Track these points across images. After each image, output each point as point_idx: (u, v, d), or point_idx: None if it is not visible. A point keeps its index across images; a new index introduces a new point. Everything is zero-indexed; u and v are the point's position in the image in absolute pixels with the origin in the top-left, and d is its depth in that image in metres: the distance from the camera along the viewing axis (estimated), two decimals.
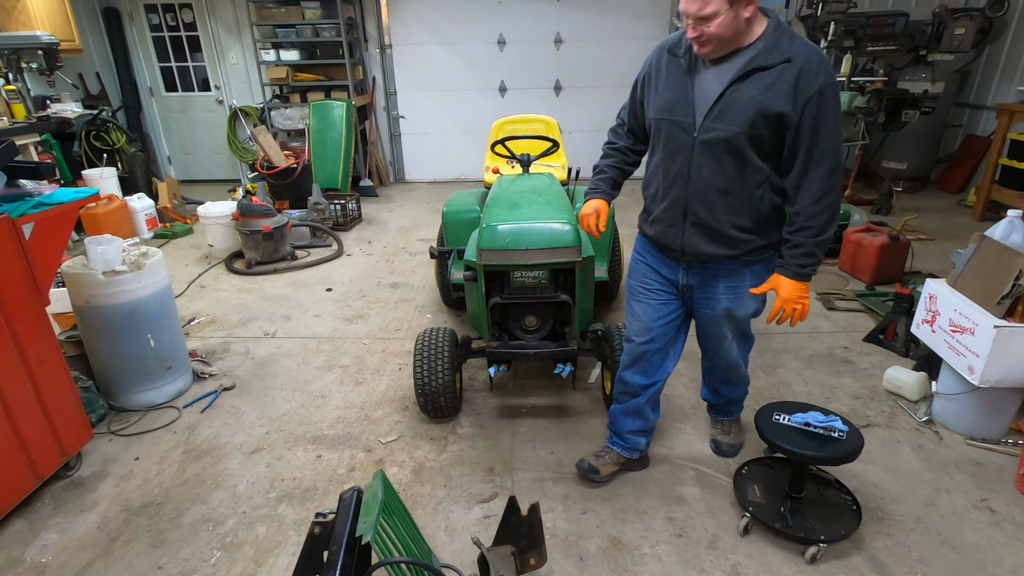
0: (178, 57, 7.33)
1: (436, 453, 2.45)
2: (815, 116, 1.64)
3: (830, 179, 1.70)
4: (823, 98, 1.62)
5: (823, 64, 1.64)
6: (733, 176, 1.78)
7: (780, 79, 1.63)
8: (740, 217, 1.83)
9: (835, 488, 2.10)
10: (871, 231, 4.04)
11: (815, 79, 1.62)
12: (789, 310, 1.84)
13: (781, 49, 1.63)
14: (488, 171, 3.83)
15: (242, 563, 1.94)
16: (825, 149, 1.67)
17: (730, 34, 1.63)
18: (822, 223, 1.74)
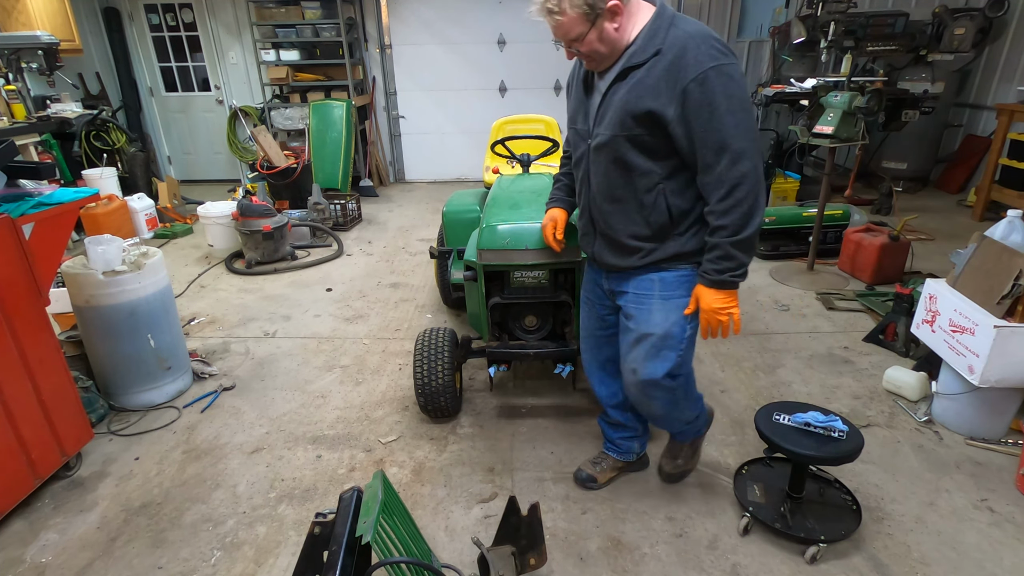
0: (178, 57, 7.33)
1: (436, 453, 2.45)
2: (698, 105, 1.50)
3: (733, 170, 1.53)
4: (704, 85, 1.48)
5: (701, 49, 1.50)
6: (620, 182, 1.69)
7: (648, 75, 1.54)
8: (635, 225, 1.72)
9: (835, 488, 2.10)
10: (871, 231, 4.04)
11: (690, 67, 1.49)
12: (713, 322, 1.68)
13: (654, 43, 1.54)
14: (488, 171, 3.83)
15: (242, 563, 1.94)
16: (721, 139, 1.52)
17: (605, 49, 1.58)
18: (735, 221, 1.57)
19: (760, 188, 1.57)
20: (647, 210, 1.69)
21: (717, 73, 1.48)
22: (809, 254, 4.18)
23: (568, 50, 1.62)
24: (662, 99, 1.53)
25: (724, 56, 1.50)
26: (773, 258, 4.50)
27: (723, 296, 1.66)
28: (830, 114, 3.68)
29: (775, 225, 4.49)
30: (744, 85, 1.55)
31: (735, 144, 1.51)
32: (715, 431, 2.54)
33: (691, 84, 1.49)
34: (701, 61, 1.48)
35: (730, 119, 1.51)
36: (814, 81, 4.60)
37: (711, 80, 1.48)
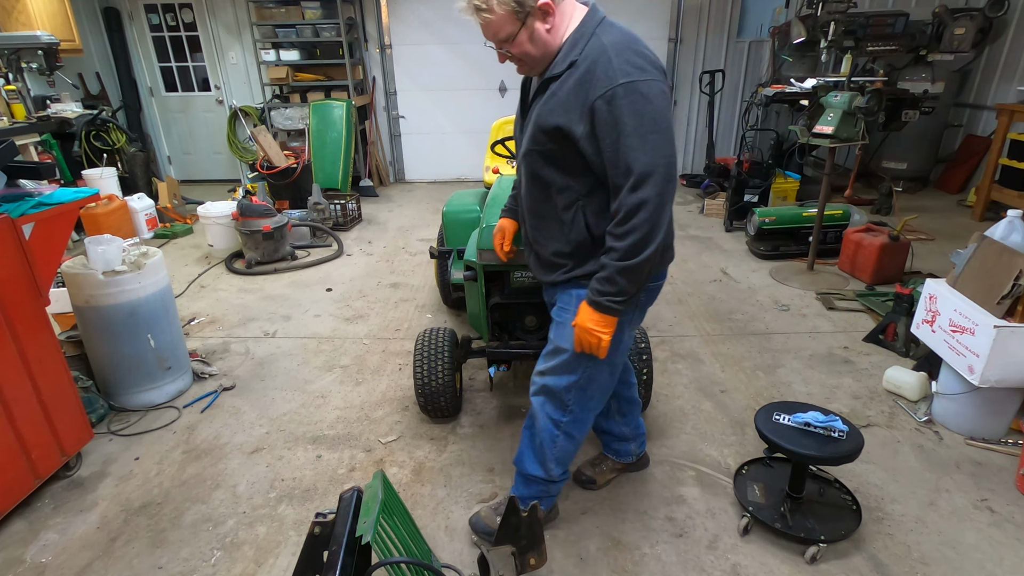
0: (178, 57, 7.33)
1: (436, 453, 2.45)
2: (605, 124, 1.41)
3: (634, 195, 1.43)
4: (612, 103, 1.39)
5: (614, 63, 1.40)
6: (540, 197, 1.64)
7: (562, 88, 1.47)
8: (556, 241, 1.67)
9: (835, 488, 2.10)
10: (871, 231, 4.04)
11: (599, 82, 1.40)
12: (583, 340, 1.61)
13: (572, 54, 1.46)
14: (488, 171, 3.83)
15: (242, 563, 1.94)
16: (626, 161, 1.42)
17: (536, 51, 1.50)
18: (627, 247, 1.47)
19: (660, 217, 1.46)
20: (566, 227, 1.63)
21: (627, 90, 1.38)
22: (809, 254, 4.18)
23: (499, 52, 1.53)
24: (571, 115, 1.46)
25: (639, 71, 1.40)
26: (773, 258, 4.50)
27: (598, 319, 1.57)
28: (830, 114, 3.68)
29: (775, 225, 4.49)
30: (661, 103, 1.42)
31: (638, 168, 1.41)
32: (715, 431, 2.54)
33: (598, 101, 1.40)
34: (611, 77, 1.39)
35: (635, 141, 1.40)
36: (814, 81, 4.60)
37: (619, 98, 1.38)
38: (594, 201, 1.58)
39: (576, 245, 1.64)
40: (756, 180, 5.21)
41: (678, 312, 3.68)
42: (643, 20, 6.80)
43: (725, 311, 3.67)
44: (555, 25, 1.49)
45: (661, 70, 1.47)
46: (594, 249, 1.63)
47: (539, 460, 1.89)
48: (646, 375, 2.43)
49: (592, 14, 1.52)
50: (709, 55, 6.97)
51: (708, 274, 4.28)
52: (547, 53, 1.51)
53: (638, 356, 2.42)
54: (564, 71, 1.47)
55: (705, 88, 6.50)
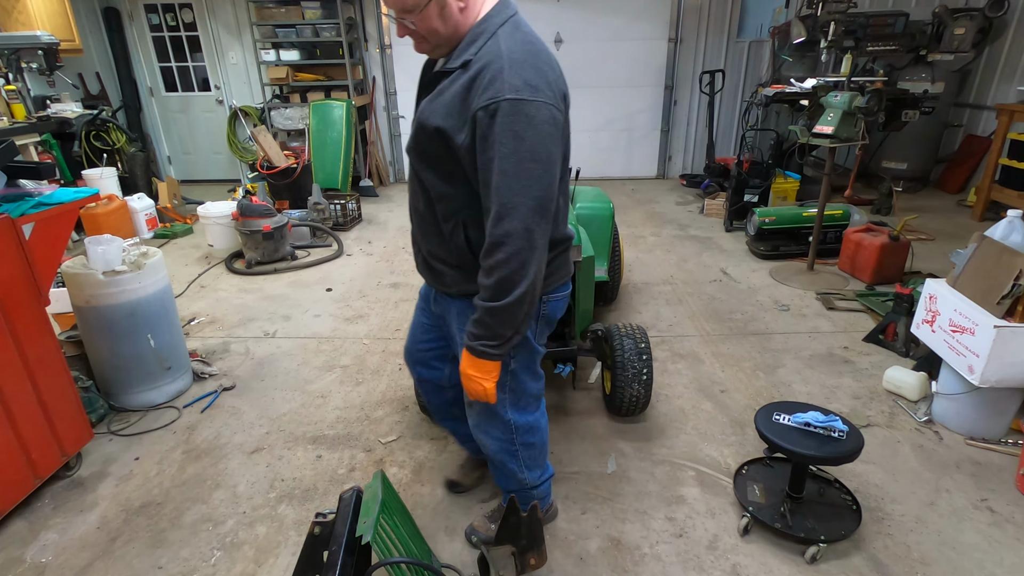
0: (178, 57, 7.33)
1: (436, 453, 2.45)
2: (483, 138, 1.26)
3: (499, 226, 1.27)
4: (493, 117, 1.23)
5: (505, 74, 1.23)
6: (421, 200, 1.50)
7: (450, 87, 1.31)
8: (440, 249, 1.53)
9: (835, 488, 2.10)
10: (871, 231, 4.04)
11: (485, 91, 1.24)
12: (466, 387, 1.48)
13: (468, 52, 1.30)
14: None
15: (242, 563, 1.93)
16: (496, 187, 1.26)
17: (445, 29, 1.31)
18: (493, 285, 1.31)
19: (528, 256, 1.29)
20: (446, 238, 1.48)
21: (512, 108, 1.22)
22: (809, 254, 4.18)
23: (400, 23, 1.33)
24: (454, 120, 1.30)
25: (530, 90, 1.23)
26: (773, 258, 4.50)
27: (477, 365, 1.42)
28: (830, 114, 3.68)
29: (775, 225, 4.49)
30: (547, 130, 1.26)
31: (504, 196, 1.25)
32: (715, 431, 2.54)
33: (480, 112, 1.24)
34: (498, 88, 1.22)
35: (509, 165, 1.24)
36: (814, 81, 4.60)
37: (502, 114, 1.22)
38: (478, 218, 1.40)
39: (458, 259, 1.50)
40: (756, 180, 5.21)
41: (678, 312, 3.68)
42: (643, 20, 6.81)
43: (725, 311, 3.67)
44: (468, 4, 1.32)
45: (559, 94, 1.32)
46: (472, 268, 1.44)
47: (509, 477, 1.82)
48: (646, 375, 2.43)
49: (502, 7, 1.35)
50: (709, 55, 6.97)
51: (708, 274, 4.28)
52: (456, 35, 1.33)
53: (638, 356, 2.42)
54: (456, 69, 1.31)
55: (705, 88, 6.50)
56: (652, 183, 7.30)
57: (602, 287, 3.38)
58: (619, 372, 2.44)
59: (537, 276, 1.34)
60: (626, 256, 4.57)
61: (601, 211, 3.20)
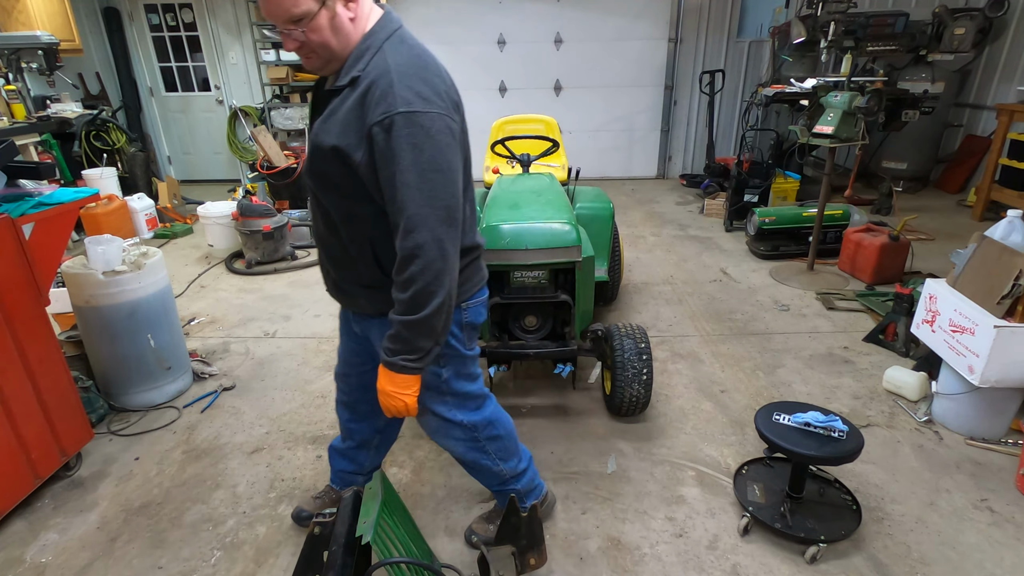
0: (178, 57, 7.33)
1: (436, 453, 2.45)
2: (382, 154, 1.25)
3: (408, 239, 1.27)
4: (389, 132, 1.23)
5: (395, 88, 1.23)
6: (324, 225, 1.47)
7: (341, 105, 1.30)
8: (350, 272, 1.51)
9: (835, 488, 2.10)
10: (871, 231, 4.04)
11: (377, 106, 1.23)
12: (383, 403, 1.45)
13: (356, 68, 1.29)
14: (488, 171, 3.83)
15: (242, 563, 1.94)
16: (402, 199, 1.25)
17: (336, 42, 1.28)
18: (408, 300, 1.31)
19: (443, 268, 1.30)
20: (355, 260, 1.46)
21: (406, 120, 1.22)
22: (809, 254, 4.18)
23: (286, 36, 1.27)
24: (350, 138, 1.28)
25: (422, 101, 1.24)
26: (773, 258, 4.50)
27: (397, 380, 1.40)
28: (830, 114, 3.68)
29: (775, 225, 4.49)
30: (444, 140, 1.27)
31: (412, 208, 1.26)
32: (715, 431, 2.54)
33: (375, 128, 1.24)
34: (390, 102, 1.22)
35: (412, 178, 1.24)
36: (814, 81, 4.60)
37: (397, 127, 1.22)
38: (384, 235, 1.38)
39: (370, 279, 1.47)
40: (756, 180, 5.21)
41: (678, 312, 3.68)
42: (643, 20, 6.81)
43: (725, 311, 3.67)
44: (358, 15, 1.30)
45: (452, 103, 1.33)
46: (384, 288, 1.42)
47: (488, 474, 1.81)
48: (646, 375, 2.43)
49: (385, 22, 1.35)
50: (709, 55, 6.97)
51: (708, 274, 4.28)
52: (346, 47, 1.30)
53: (638, 356, 2.42)
54: (345, 87, 1.30)
55: (705, 88, 6.50)
56: (652, 183, 7.30)
57: (602, 287, 3.38)
58: (619, 372, 2.44)
59: (451, 285, 1.35)
60: (626, 256, 4.57)
61: (601, 211, 3.20)
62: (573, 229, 2.36)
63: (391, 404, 1.44)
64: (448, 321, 1.42)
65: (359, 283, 1.50)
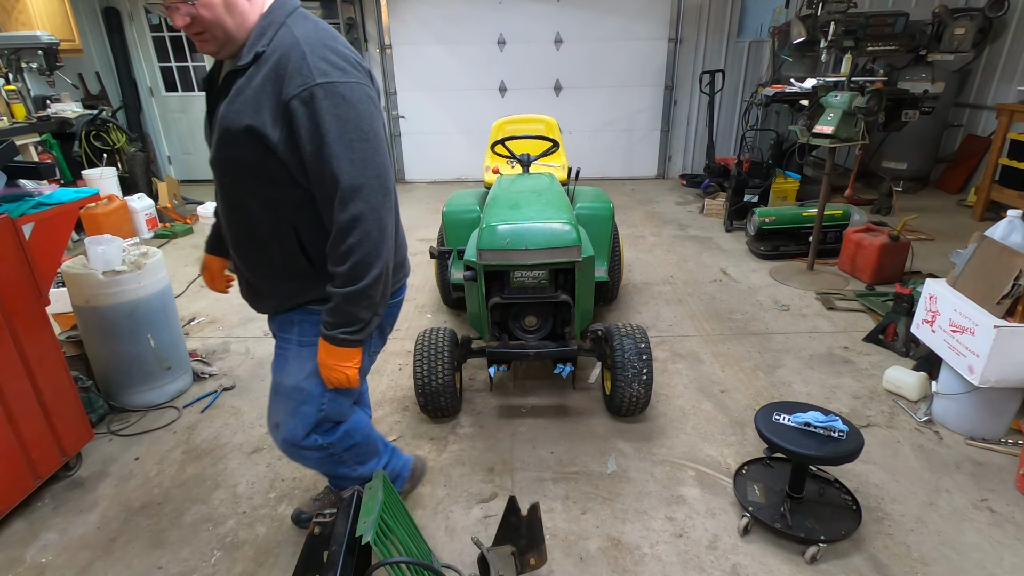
0: (178, 57, 7.33)
1: (436, 453, 2.45)
2: (305, 130, 1.23)
3: (345, 211, 1.26)
4: (310, 105, 1.21)
5: (308, 59, 1.22)
6: (241, 216, 1.39)
7: (249, 84, 1.25)
8: (267, 266, 1.45)
9: (835, 488, 2.10)
10: (871, 231, 4.04)
11: (292, 79, 1.21)
12: (325, 376, 1.46)
13: (259, 44, 1.25)
14: (488, 171, 3.83)
15: (242, 563, 1.93)
16: (332, 172, 1.24)
17: (233, 24, 1.25)
18: (347, 271, 1.31)
19: (382, 235, 1.30)
20: (279, 252, 1.41)
21: (326, 92, 1.20)
22: (809, 254, 4.18)
23: (172, 11, 1.22)
24: (263, 116, 1.24)
25: (338, 71, 1.23)
26: (773, 258, 4.50)
27: (338, 353, 1.41)
28: (830, 114, 3.68)
29: (775, 225, 4.49)
30: (366, 108, 1.27)
31: (346, 180, 1.24)
32: (715, 431, 2.54)
33: (294, 102, 1.21)
34: (306, 74, 1.20)
35: (340, 149, 1.23)
36: (814, 81, 4.60)
37: (318, 99, 1.20)
38: (308, 218, 1.36)
39: (294, 272, 1.43)
40: (756, 180, 5.21)
41: (678, 312, 3.68)
42: (643, 20, 6.81)
43: (725, 311, 3.67)
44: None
45: (365, 71, 1.32)
46: (317, 275, 1.42)
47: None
48: (646, 375, 2.43)
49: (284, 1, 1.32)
50: (709, 55, 6.97)
51: (708, 274, 4.28)
52: (242, 27, 1.26)
53: (638, 356, 2.42)
54: (250, 64, 1.25)
55: (705, 88, 6.50)
56: (652, 183, 7.30)
57: (602, 287, 3.38)
58: (619, 372, 2.44)
59: (389, 254, 1.35)
60: (626, 256, 4.57)
61: (601, 211, 3.20)
62: (573, 229, 2.36)
63: (332, 376, 1.45)
64: (387, 291, 1.43)
65: (282, 276, 1.45)
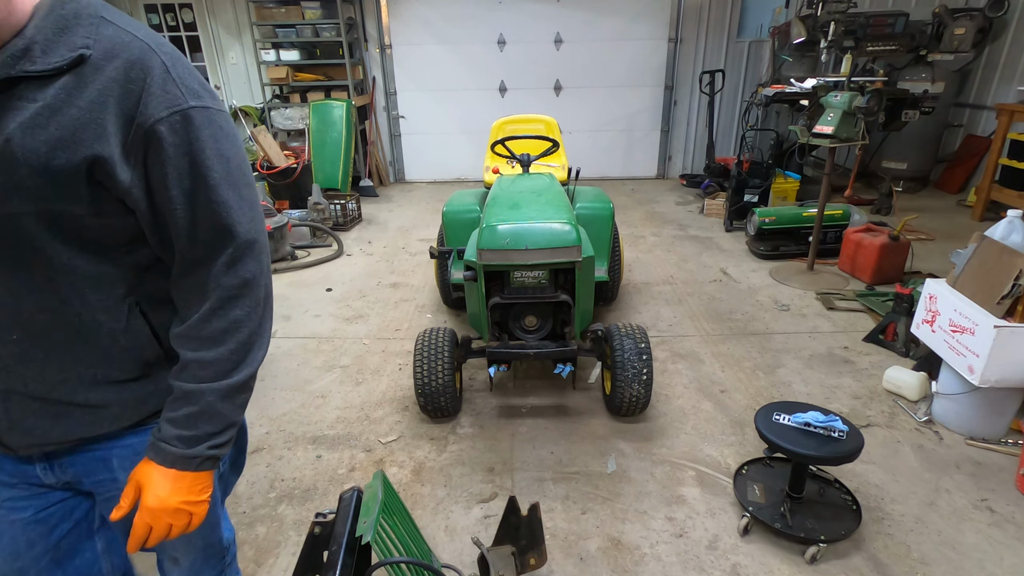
0: None
1: (436, 453, 2.45)
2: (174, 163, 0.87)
3: (235, 272, 0.93)
4: (187, 132, 0.87)
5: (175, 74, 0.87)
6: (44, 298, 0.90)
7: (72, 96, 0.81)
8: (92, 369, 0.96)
9: (835, 488, 2.10)
10: (871, 231, 4.04)
11: (156, 97, 0.84)
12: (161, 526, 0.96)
13: (70, 38, 0.82)
14: (488, 171, 3.83)
15: (242, 563, 1.93)
16: (222, 223, 0.91)
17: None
18: (228, 355, 0.95)
19: (269, 305, 1.00)
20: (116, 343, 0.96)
21: (206, 120, 0.89)
22: (809, 254, 4.18)
23: None
24: (104, 143, 0.83)
25: (209, 95, 0.91)
26: (773, 258, 4.50)
27: (195, 481, 0.97)
28: (830, 114, 3.68)
29: (775, 225, 4.49)
30: (243, 148, 0.97)
31: (242, 233, 0.93)
32: (715, 431, 2.54)
33: (161, 127, 0.85)
34: (175, 93, 0.86)
35: (229, 193, 0.91)
36: (814, 81, 4.60)
37: (196, 127, 0.87)
38: (154, 290, 0.99)
39: (141, 364, 1.00)
40: (756, 180, 5.22)
41: (678, 312, 3.68)
42: (643, 20, 6.81)
43: (725, 311, 3.67)
44: None
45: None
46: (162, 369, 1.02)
47: None
48: (646, 375, 2.43)
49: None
50: (709, 55, 6.98)
51: (708, 274, 4.28)
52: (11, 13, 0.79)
53: (638, 356, 2.42)
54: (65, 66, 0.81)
55: (705, 88, 6.50)
56: (652, 183, 7.30)
57: (602, 287, 3.38)
58: (619, 372, 2.44)
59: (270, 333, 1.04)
60: (626, 256, 4.57)
61: (601, 211, 3.20)
62: (573, 229, 2.36)
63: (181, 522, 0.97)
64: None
65: (118, 379, 0.99)
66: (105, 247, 0.92)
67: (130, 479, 0.97)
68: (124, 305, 0.96)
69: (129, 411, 1.02)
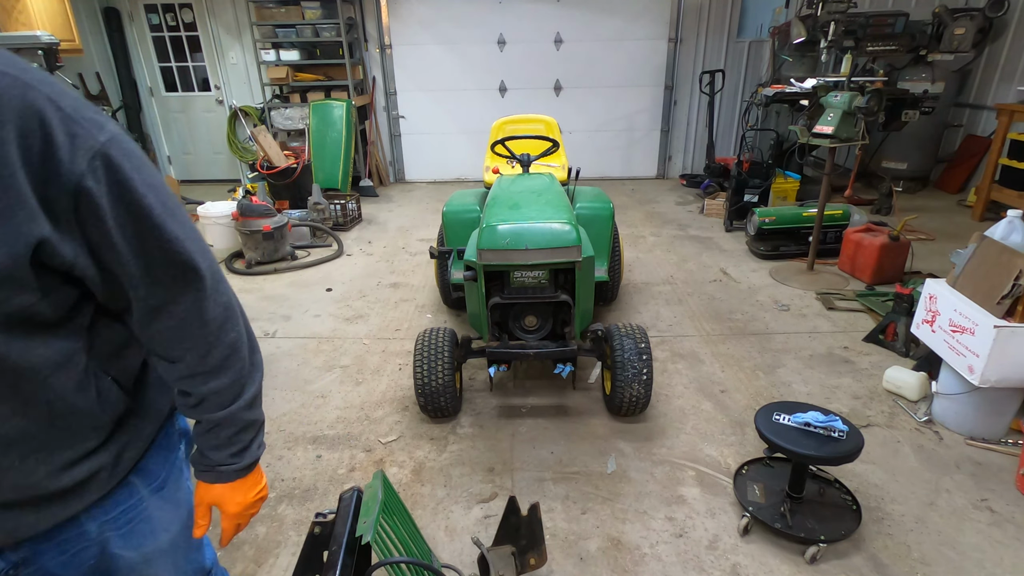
0: (178, 57, 7.33)
1: (436, 453, 2.45)
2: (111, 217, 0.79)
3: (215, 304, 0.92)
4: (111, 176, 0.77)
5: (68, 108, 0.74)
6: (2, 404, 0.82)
7: None
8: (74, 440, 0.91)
9: (835, 488, 2.10)
10: (871, 231, 4.04)
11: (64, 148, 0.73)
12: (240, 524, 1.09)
13: None
14: (488, 171, 3.83)
15: (242, 563, 1.93)
16: (181, 259, 0.86)
17: None
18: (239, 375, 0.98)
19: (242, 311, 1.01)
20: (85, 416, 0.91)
21: (123, 152, 0.80)
22: (809, 254, 4.18)
23: None
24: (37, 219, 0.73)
25: (109, 121, 0.81)
26: (773, 258, 4.50)
27: (252, 480, 1.07)
28: (830, 114, 3.68)
29: (775, 225, 4.49)
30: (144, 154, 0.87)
31: (200, 259, 0.90)
32: (715, 431, 2.54)
33: (87, 181, 0.75)
34: (83, 135, 0.75)
35: (172, 224, 0.85)
36: (814, 81, 4.60)
37: (118, 164, 0.78)
38: (107, 344, 0.93)
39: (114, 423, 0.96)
40: (756, 180, 5.22)
41: (678, 312, 3.68)
42: (643, 20, 6.81)
43: (725, 311, 3.67)
44: None
45: None
46: (133, 416, 1.00)
47: None
48: (646, 375, 2.43)
49: None
50: (709, 55, 6.97)
51: (708, 274, 4.28)
52: None
53: (638, 356, 2.42)
54: None
55: (705, 88, 6.50)
56: (652, 183, 7.30)
57: (602, 287, 3.38)
58: (619, 372, 2.44)
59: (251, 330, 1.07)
60: (626, 256, 4.57)
61: (601, 211, 3.20)
62: (573, 229, 2.36)
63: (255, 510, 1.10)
64: None
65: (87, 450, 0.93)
66: (53, 324, 0.84)
67: (199, 502, 1.04)
68: (90, 375, 0.90)
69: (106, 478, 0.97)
